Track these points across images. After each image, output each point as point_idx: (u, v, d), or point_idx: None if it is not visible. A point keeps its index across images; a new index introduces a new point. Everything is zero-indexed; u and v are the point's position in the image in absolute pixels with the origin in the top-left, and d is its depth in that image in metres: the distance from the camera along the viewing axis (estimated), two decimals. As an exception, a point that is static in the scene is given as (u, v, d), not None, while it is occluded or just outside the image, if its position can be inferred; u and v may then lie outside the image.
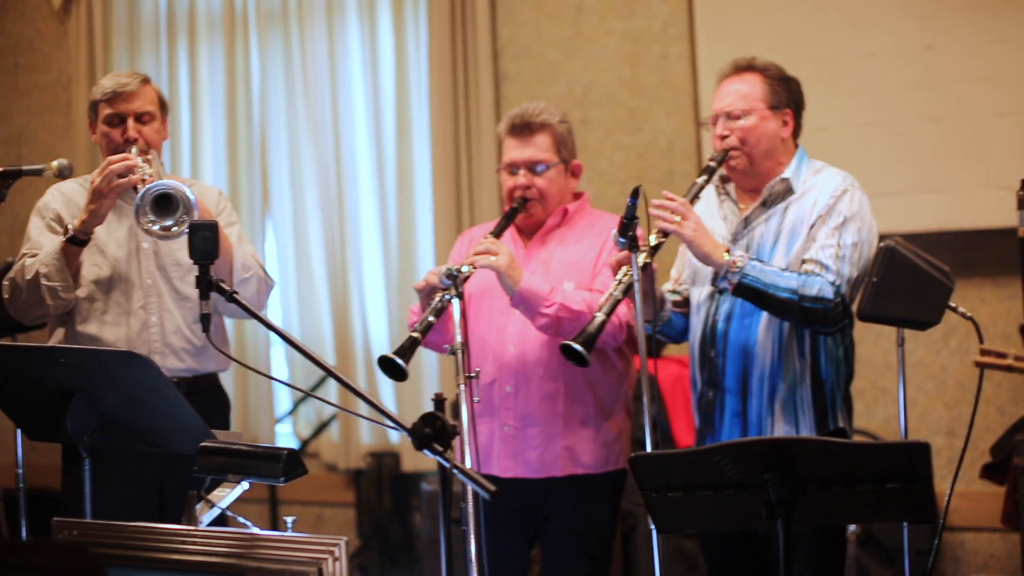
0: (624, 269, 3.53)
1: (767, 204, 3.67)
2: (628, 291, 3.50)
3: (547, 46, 5.92)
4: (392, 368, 3.61)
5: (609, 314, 3.55)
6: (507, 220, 3.94)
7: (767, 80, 3.66)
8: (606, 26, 5.82)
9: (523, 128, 3.94)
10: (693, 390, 3.77)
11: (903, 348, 3.79)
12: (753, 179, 3.70)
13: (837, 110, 5.26)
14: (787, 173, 3.65)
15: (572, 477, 3.88)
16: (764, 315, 3.58)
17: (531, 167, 3.93)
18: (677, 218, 3.51)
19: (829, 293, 3.46)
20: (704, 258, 3.52)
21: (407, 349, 3.61)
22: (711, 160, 3.68)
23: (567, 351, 3.55)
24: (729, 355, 3.63)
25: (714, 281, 3.55)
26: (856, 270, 3.55)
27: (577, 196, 4.08)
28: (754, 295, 3.49)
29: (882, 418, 5.39)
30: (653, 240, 3.55)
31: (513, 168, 3.96)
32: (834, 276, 3.49)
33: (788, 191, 3.65)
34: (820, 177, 3.66)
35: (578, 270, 3.91)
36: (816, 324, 3.50)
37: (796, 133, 3.73)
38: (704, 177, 3.66)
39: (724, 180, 3.78)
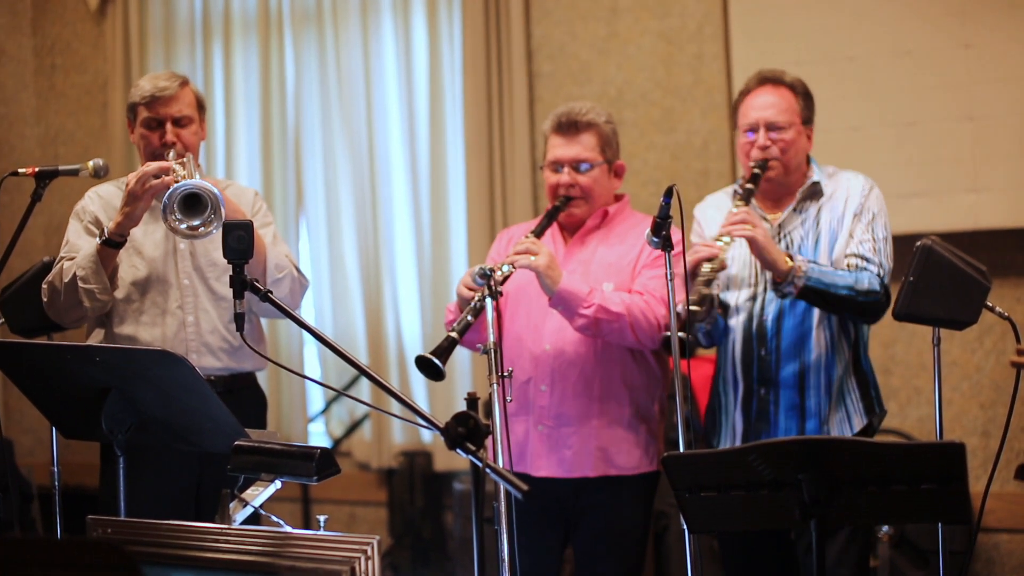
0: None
1: (798, 209, 3.81)
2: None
3: (581, 46, 5.91)
4: (429, 368, 3.61)
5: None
6: (549, 219, 3.94)
7: (797, 96, 3.84)
8: (641, 26, 5.80)
9: (569, 126, 3.96)
10: (731, 390, 3.80)
11: (939, 348, 3.77)
12: (780, 188, 3.85)
13: (873, 109, 5.25)
14: (815, 177, 3.82)
15: (605, 478, 3.88)
16: (816, 310, 3.72)
17: (575, 165, 3.95)
18: (748, 227, 3.61)
19: (877, 285, 3.66)
20: (771, 264, 3.63)
21: (445, 349, 3.60)
22: (755, 168, 3.79)
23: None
24: (783, 351, 3.74)
25: (776, 286, 3.65)
26: (889, 263, 3.74)
27: (618, 198, 4.08)
28: (817, 296, 3.63)
29: (916, 418, 5.35)
30: (727, 240, 3.66)
31: (557, 166, 3.97)
32: (877, 267, 3.68)
33: (817, 194, 3.81)
34: (840, 179, 3.83)
35: (617, 271, 3.91)
36: (868, 316, 3.71)
37: None
38: (752, 185, 3.79)
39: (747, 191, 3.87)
